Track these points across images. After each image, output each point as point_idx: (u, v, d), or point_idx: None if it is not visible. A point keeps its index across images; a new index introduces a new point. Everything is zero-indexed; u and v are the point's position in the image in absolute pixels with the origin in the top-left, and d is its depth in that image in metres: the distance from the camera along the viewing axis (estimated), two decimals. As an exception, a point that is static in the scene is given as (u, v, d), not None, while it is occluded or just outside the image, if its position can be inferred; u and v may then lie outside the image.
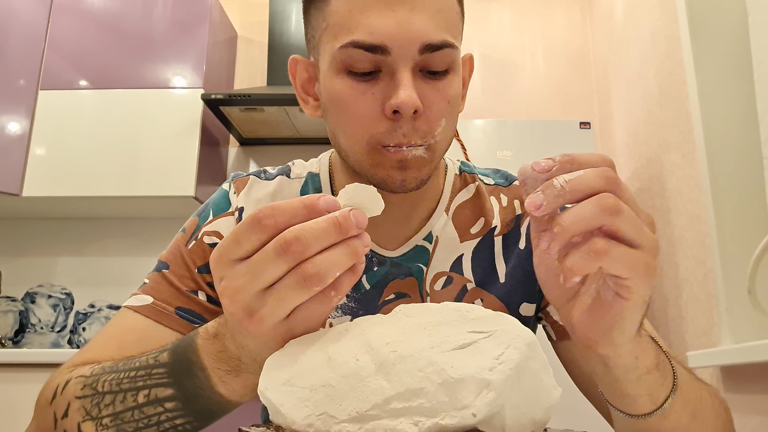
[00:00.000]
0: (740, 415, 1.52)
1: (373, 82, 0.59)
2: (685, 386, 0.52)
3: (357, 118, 0.59)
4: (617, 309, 0.42)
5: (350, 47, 0.58)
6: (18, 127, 2.44)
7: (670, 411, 0.50)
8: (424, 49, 0.57)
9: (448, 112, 0.61)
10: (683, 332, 1.92)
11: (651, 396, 0.49)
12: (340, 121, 0.62)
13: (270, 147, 2.84)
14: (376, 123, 0.59)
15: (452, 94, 0.61)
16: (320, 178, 0.75)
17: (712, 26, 1.74)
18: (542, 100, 2.85)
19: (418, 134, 0.59)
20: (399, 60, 0.57)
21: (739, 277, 1.56)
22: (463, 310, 0.42)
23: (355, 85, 0.59)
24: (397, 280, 0.69)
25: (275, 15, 2.70)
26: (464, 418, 0.34)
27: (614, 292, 0.42)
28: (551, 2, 2.98)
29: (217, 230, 0.72)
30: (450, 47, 0.59)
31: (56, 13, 2.57)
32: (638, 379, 0.47)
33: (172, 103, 2.51)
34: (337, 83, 0.60)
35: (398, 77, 0.57)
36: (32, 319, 2.57)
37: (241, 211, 0.73)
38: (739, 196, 1.63)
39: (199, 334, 0.50)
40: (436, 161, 0.63)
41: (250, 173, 0.77)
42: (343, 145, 0.63)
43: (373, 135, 0.59)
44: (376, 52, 0.57)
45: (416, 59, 0.58)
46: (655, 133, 2.13)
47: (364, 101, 0.59)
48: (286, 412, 0.39)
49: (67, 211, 2.61)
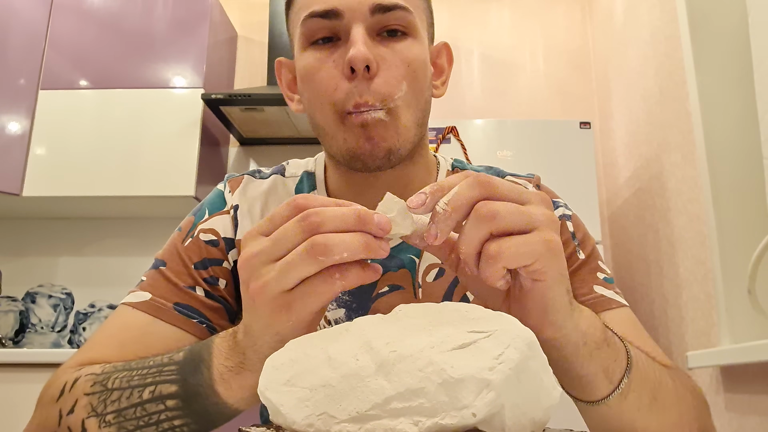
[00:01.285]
0: (740, 415, 1.52)
1: (333, 49, 0.63)
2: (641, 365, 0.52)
3: (322, 85, 0.63)
4: (539, 291, 0.44)
5: (308, 19, 0.63)
6: (18, 127, 2.44)
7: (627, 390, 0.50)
8: (375, 9, 0.61)
9: (409, 77, 0.63)
10: (683, 332, 1.92)
11: (606, 373, 0.49)
12: (311, 97, 0.65)
13: (270, 147, 2.84)
14: (337, 88, 0.62)
15: (412, 57, 0.63)
16: (315, 176, 0.76)
17: (712, 26, 1.74)
18: (542, 100, 2.85)
19: (374, 95, 0.61)
20: (351, 21, 0.61)
21: (738, 277, 1.57)
22: (463, 310, 0.42)
23: (317, 54, 0.63)
24: (390, 272, 0.69)
25: (275, 15, 2.70)
26: (464, 418, 0.34)
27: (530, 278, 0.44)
28: (551, 2, 2.98)
29: (213, 227, 0.72)
30: (402, 9, 0.62)
31: (56, 12, 2.57)
32: (590, 356, 0.48)
33: (172, 103, 2.51)
34: (304, 58, 0.64)
35: (351, 35, 0.61)
36: (32, 319, 2.57)
37: (236, 209, 0.73)
38: (739, 196, 1.63)
39: (220, 334, 0.51)
40: (404, 131, 0.63)
41: (244, 173, 0.78)
42: (319, 122, 0.65)
43: (336, 101, 0.62)
44: (330, 17, 0.62)
45: (369, 20, 0.62)
46: (655, 133, 2.13)
47: (327, 68, 0.62)
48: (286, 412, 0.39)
49: (67, 211, 2.61)
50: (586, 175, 2.26)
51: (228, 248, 0.72)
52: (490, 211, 0.41)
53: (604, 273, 0.71)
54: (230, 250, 0.72)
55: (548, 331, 0.46)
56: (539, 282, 0.44)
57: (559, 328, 0.46)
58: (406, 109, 0.63)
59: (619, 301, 0.69)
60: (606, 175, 2.69)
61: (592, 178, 2.27)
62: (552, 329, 0.46)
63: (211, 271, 0.70)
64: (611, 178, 2.62)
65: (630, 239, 2.40)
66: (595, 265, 0.71)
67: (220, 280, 0.70)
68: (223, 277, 0.71)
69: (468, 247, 0.42)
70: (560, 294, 0.45)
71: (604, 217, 2.65)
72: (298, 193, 0.74)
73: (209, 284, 0.70)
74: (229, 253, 0.71)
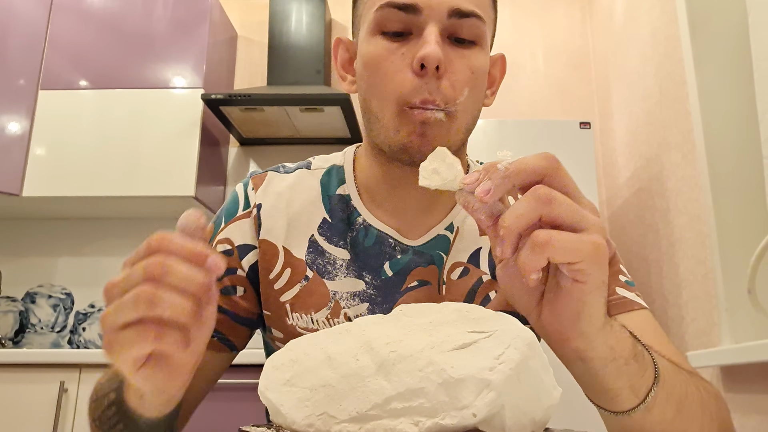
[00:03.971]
0: (740, 415, 1.52)
1: (403, 41, 0.64)
2: (668, 378, 0.52)
3: (387, 76, 0.63)
4: (577, 294, 0.43)
5: (385, 8, 0.63)
6: (18, 127, 2.44)
7: (653, 404, 0.49)
8: (453, 13, 0.62)
9: (471, 83, 0.64)
10: (683, 332, 1.92)
11: (633, 388, 0.48)
12: (372, 83, 0.65)
13: (270, 147, 2.84)
14: (404, 81, 0.62)
15: (477, 65, 0.64)
16: (344, 169, 0.76)
17: (712, 26, 1.74)
18: (542, 100, 2.85)
19: (441, 96, 0.61)
20: (428, 19, 0.62)
21: (739, 277, 1.56)
22: (463, 310, 0.42)
23: (387, 44, 0.64)
24: (419, 267, 0.70)
25: (275, 15, 2.70)
26: (464, 418, 0.34)
27: (571, 278, 0.42)
28: (551, 2, 2.98)
29: (228, 236, 0.73)
30: (478, 18, 0.63)
31: (56, 13, 2.57)
32: (617, 371, 0.47)
33: (172, 103, 2.51)
34: (371, 44, 0.65)
35: (426, 34, 0.61)
36: (32, 319, 2.57)
37: (259, 207, 0.74)
38: (739, 196, 1.63)
39: None
40: (456, 134, 0.64)
41: (268, 169, 0.78)
42: (374, 107, 0.65)
43: (402, 94, 0.62)
44: (408, 11, 0.62)
45: (444, 22, 0.62)
46: (655, 133, 2.13)
47: (394, 60, 0.63)
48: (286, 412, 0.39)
49: (67, 211, 2.61)
50: (586, 175, 2.26)
51: (242, 255, 0.72)
52: (547, 195, 0.40)
53: (626, 276, 0.71)
54: (245, 255, 0.73)
55: (577, 341, 0.45)
56: (580, 284, 0.42)
57: (588, 339, 0.45)
58: (463, 114, 0.64)
59: (641, 303, 0.69)
60: (606, 175, 2.69)
61: (592, 178, 2.27)
62: (581, 339, 0.45)
63: (227, 281, 0.72)
64: (611, 178, 2.62)
65: (630, 239, 2.40)
66: (617, 268, 0.71)
67: (237, 288, 0.72)
68: (240, 284, 0.72)
69: (513, 221, 0.40)
70: (598, 302, 0.44)
71: (604, 217, 2.65)
72: (323, 186, 0.75)
73: (223, 294, 0.71)
74: (243, 260, 0.72)
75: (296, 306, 0.70)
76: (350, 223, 0.72)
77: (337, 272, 0.71)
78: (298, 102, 2.37)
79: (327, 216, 0.73)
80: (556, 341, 0.47)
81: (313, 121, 2.55)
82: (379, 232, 0.71)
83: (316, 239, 0.72)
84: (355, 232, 0.72)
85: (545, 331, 0.47)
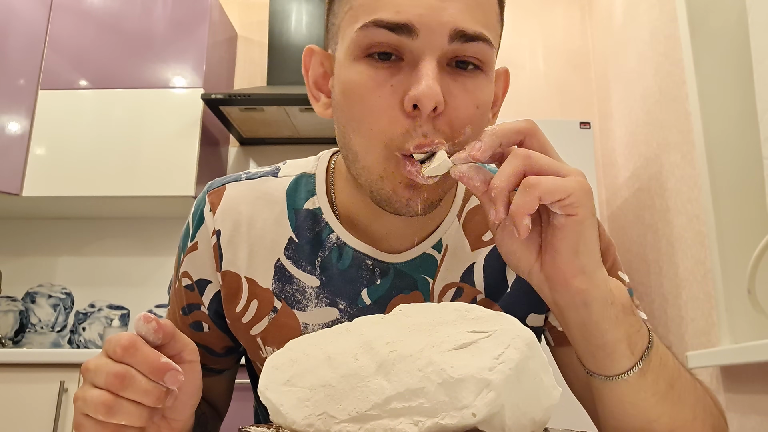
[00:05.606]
0: (740, 415, 1.52)
1: (393, 70, 0.52)
2: (662, 351, 0.52)
3: (373, 113, 0.52)
4: (572, 226, 0.46)
5: (372, 26, 0.51)
6: (18, 127, 2.44)
7: (647, 368, 0.49)
8: (455, 35, 0.51)
9: (475, 120, 0.53)
10: (683, 332, 1.92)
11: (629, 342, 0.49)
12: (353, 117, 0.54)
13: (270, 147, 2.84)
14: (394, 122, 0.51)
15: (482, 100, 0.54)
16: (315, 179, 0.66)
17: (711, 26, 1.74)
18: (542, 100, 2.85)
19: (438, 137, 0.51)
20: (425, 46, 0.50)
21: (738, 277, 1.57)
22: (463, 310, 0.42)
23: (373, 73, 0.52)
24: (401, 295, 0.63)
25: (275, 15, 2.70)
26: (464, 418, 0.34)
27: (564, 215, 0.46)
28: (551, 2, 2.98)
29: (187, 270, 0.67)
30: (485, 41, 0.52)
31: (56, 13, 2.57)
32: (617, 319, 0.48)
33: (172, 103, 2.51)
34: (354, 71, 0.53)
35: (422, 66, 0.50)
36: (32, 319, 2.57)
37: (218, 234, 0.65)
38: (739, 196, 1.63)
39: None
40: (450, 183, 0.55)
41: (226, 180, 0.69)
42: (356, 146, 0.54)
43: (392, 138, 0.51)
44: (401, 32, 0.50)
45: (444, 48, 0.51)
46: (655, 133, 2.13)
47: (382, 94, 0.52)
48: (286, 412, 0.39)
49: (67, 211, 2.61)
50: (585, 174, 2.26)
51: (201, 290, 0.67)
52: (527, 152, 0.46)
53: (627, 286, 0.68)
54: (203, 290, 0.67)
55: (578, 280, 0.47)
56: (572, 217, 0.46)
57: (590, 276, 0.47)
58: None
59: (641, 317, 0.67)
60: (605, 175, 2.69)
61: (591, 178, 2.27)
62: (582, 278, 0.47)
63: (193, 316, 0.69)
64: (611, 178, 2.62)
65: (629, 239, 2.40)
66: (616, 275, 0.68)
67: (203, 324, 0.69)
68: (204, 320, 0.68)
69: (502, 181, 0.45)
70: (592, 234, 0.47)
71: (603, 217, 2.65)
72: (289, 198, 0.66)
73: (193, 330, 0.69)
74: (203, 295, 0.67)
75: (268, 340, 0.65)
76: (320, 242, 0.63)
77: (308, 302, 0.63)
78: (298, 102, 2.37)
79: (293, 235, 0.64)
80: (560, 284, 0.48)
81: (313, 121, 2.55)
82: (356, 252, 0.63)
83: (282, 263, 0.64)
84: (327, 252, 0.63)
85: (548, 277, 0.49)
